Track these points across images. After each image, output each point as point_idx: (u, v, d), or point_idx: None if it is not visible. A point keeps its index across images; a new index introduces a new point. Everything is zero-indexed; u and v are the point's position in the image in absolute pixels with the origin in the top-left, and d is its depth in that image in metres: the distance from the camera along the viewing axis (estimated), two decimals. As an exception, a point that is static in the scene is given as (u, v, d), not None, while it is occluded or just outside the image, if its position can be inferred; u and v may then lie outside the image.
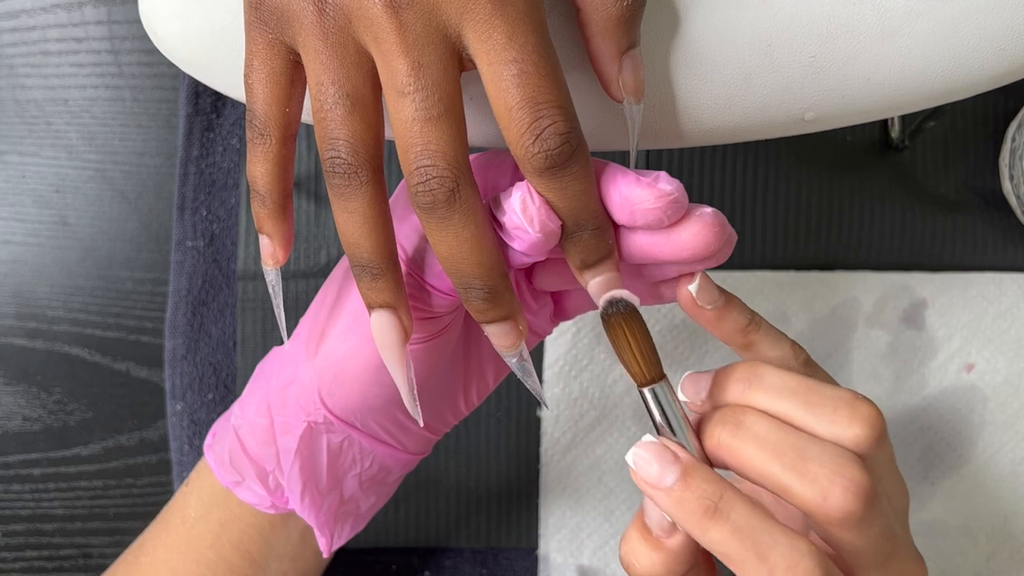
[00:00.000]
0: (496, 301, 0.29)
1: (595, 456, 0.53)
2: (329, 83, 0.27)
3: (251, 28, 0.29)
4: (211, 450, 0.38)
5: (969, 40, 0.31)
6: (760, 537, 0.28)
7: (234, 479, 0.37)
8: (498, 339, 0.30)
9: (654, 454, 0.29)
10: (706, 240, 0.29)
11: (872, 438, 0.29)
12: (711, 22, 0.31)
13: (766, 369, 0.30)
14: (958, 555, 0.53)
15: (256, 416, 0.36)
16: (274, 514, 0.38)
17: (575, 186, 0.28)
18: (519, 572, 0.53)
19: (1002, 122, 0.53)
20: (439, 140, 0.26)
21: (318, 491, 0.37)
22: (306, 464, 0.36)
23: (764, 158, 0.53)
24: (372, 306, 0.30)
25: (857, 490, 0.27)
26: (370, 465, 0.37)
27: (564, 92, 0.27)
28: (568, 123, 0.27)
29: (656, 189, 0.29)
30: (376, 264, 0.29)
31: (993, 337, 0.53)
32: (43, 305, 0.53)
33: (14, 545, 0.54)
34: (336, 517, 0.38)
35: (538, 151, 0.27)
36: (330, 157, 0.28)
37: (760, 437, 0.29)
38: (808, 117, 0.32)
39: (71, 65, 0.53)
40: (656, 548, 0.30)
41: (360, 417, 0.35)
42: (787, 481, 0.28)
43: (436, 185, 0.27)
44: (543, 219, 0.28)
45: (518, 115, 0.26)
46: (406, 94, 0.26)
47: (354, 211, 0.28)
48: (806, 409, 0.29)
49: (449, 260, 0.28)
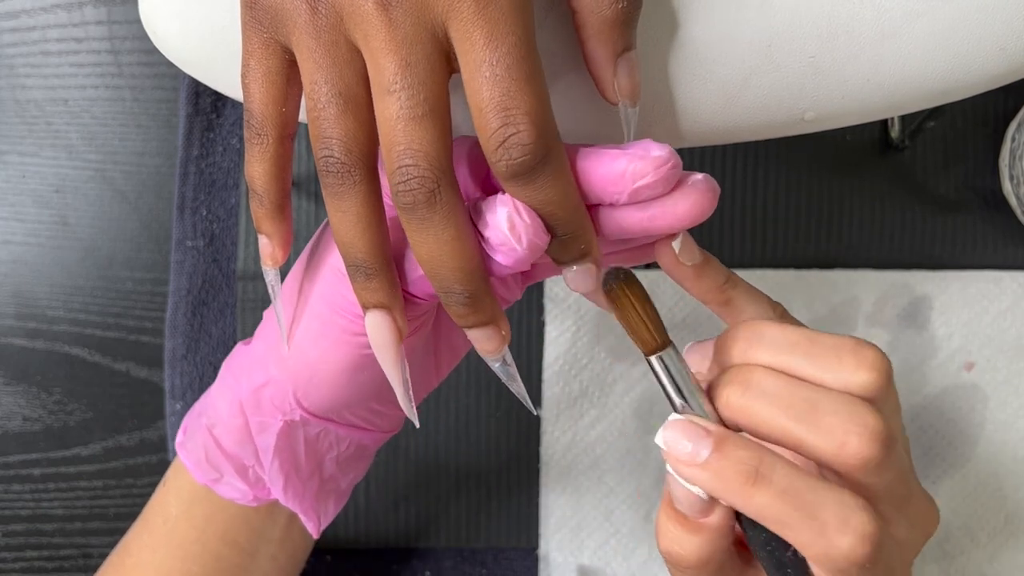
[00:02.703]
0: (476, 306, 0.28)
1: (595, 455, 0.53)
2: (322, 82, 0.27)
3: (247, 28, 0.29)
4: (184, 448, 0.38)
5: (969, 40, 0.31)
6: (807, 496, 0.27)
7: (212, 477, 0.37)
8: (480, 344, 0.29)
9: (683, 431, 0.29)
10: (702, 207, 0.29)
11: (880, 382, 0.28)
12: (711, 22, 0.31)
13: (766, 326, 0.30)
14: (961, 555, 0.53)
15: (230, 416, 0.36)
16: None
17: (545, 193, 0.27)
18: (519, 572, 0.53)
19: (1002, 122, 0.53)
20: (422, 140, 0.26)
21: (299, 480, 0.37)
22: (286, 459, 0.36)
23: (764, 158, 0.53)
24: (367, 306, 0.29)
25: (873, 435, 0.27)
26: (347, 447, 0.37)
27: (536, 98, 0.26)
28: (534, 132, 0.26)
29: (652, 159, 0.28)
30: (370, 264, 0.28)
31: (993, 336, 0.53)
32: (43, 305, 0.53)
33: (14, 545, 0.54)
34: (318, 498, 0.38)
35: (501, 159, 0.26)
36: (324, 156, 0.28)
37: (769, 393, 0.28)
38: (808, 117, 0.32)
39: (71, 65, 0.53)
40: (697, 531, 0.30)
41: (336, 411, 0.35)
42: (802, 434, 0.28)
43: (416, 185, 0.26)
44: (531, 237, 0.28)
45: (488, 118, 0.26)
46: (392, 92, 0.26)
47: (347, 210, 0.28)
48: (810, 360, 0.29)
49: (429, 263, 0.28)
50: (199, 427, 0.38)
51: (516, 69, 0.26)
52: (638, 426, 0.53)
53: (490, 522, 0.54)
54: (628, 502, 0.53)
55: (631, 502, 0.53)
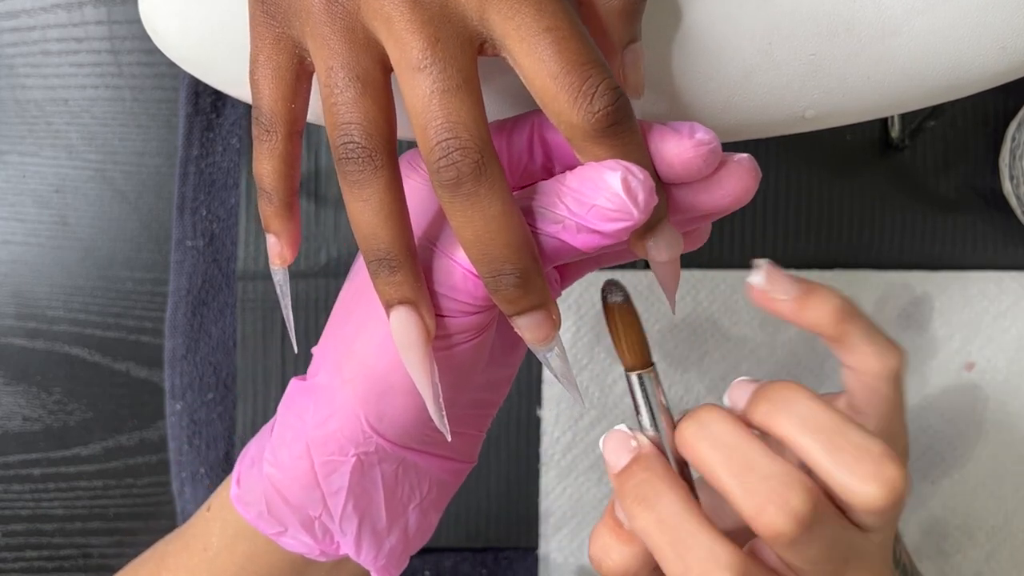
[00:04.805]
0: (528, 287, 0.27)
1: (595, 456, 0.53)
2: (339, 67, 0.27)
3: (256, 23, 0.29)
4: (241, 501, 0.34)
5: (969, 38, 0.31)
6: (681, 535, 0.28)
7: (276, 530, 0.33)
8: (531, 332, 0.28)
9: (616, 440, 0.30)
10: (746, 186, 0.29)
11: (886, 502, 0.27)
12: (711, 20, 0.31)
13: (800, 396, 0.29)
14: (958, 554, 0.53)
15: (293, 460, 0.32)
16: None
17: (635, 140, 0.27)
18: (519, 572, 0.53)
19: (1002, 122, 0.53)
20: (459, 111, 0.25)
21: (376, 532, 0.33)
22: (360, 502, 0.32)
23: (764, 158, 0.53)
24: (391, 303, 0.28)
25: (792, 513, 0.27)
26: (429, 490, 0.34)
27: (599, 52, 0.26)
28: (613, 79, 0.26)
29: (694, 139, 0.28)
30: (394, 255, 0.27)
31: (994, 336, 0.53)
32: (43, 305, 0.53)
33: (14, 545, 0.54)
34: (400, 558, 0.34)
35: (598, 109, 0.26)
36: (343, 143, 0.27)
37: (715, 438, 0.28)
38: (808, 115, 0.32)
39: (71, 65, 0.53)
40: (628, 542, 0.30)
41: (415, 435, 0.32)
42: (729, 486, 0.28)
43: (459, 157, 0.25)
44: (646, 197, 0.26)
45: (565, 81, 0.25)
46: (422, 68, 0.26)
47: (369, 198, 0.27)
48: (827, 451, 0.28)
49: (476, 244, 0.26)
50: (257, 477, 0.33)
51: (576, 29, 0.26)
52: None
53: (490, 522, 0.53)
54: (628, 502, 0.53)
55: (631, 502, 0.53)
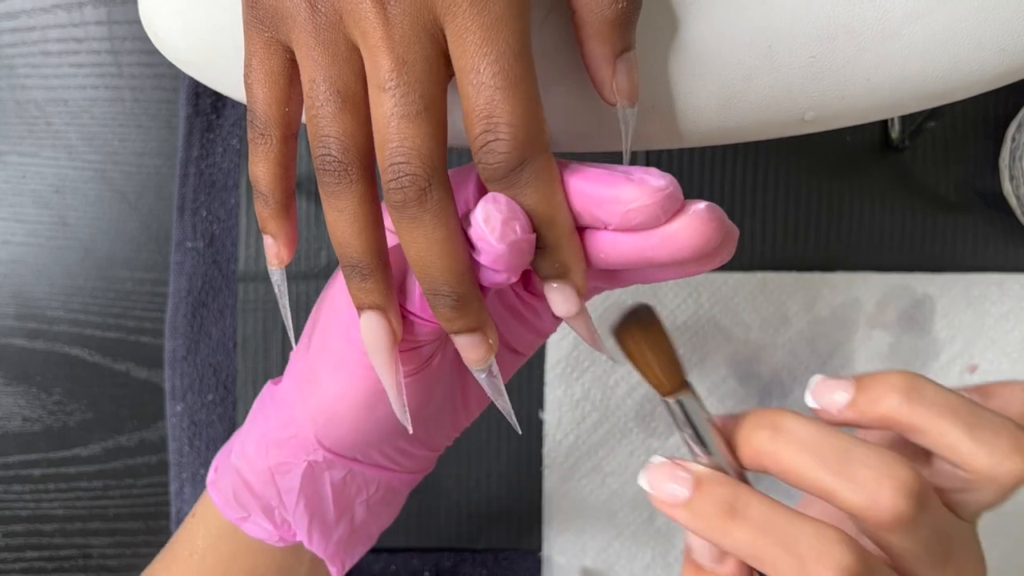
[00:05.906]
0: (464, 310, 0.28)
1: (598, 458, 0.53)
2: (320, 80, 0.27)
3: (248, 28, 0.29)
4: (214, 486, 0.37)
5: (969, 40, 0.31)
6: (784, 530, 0.27)
7: (240, 515, 0.36)
8: (466, 351, 0.29)
9: (665, 473, 0.28)
10: (704, 237, 0.27)
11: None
12: (711, 22, 0.31)
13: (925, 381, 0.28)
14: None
15: (256, 456, 0.36)
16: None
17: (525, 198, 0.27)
18: (519, 573, 0.53)
19: (1002, 122, 0.53)
20: (415, 138, 0.26)
21: (325, 525, 0.36)
22: (310, 501, 0.35)
23: (764, 158, 0.53)
24: (361, 307, 0.29)
25: (907, 490, 0.26)
26: (376, 490, 0.36)
27: (520, 105, 0.26)
28: (513, 140, 0.26)
29: (648, 186, 0.27)
30: (366, 264, 0.28)
31: (996, 338, 0.53)
32: (43, 305, 0.53)
33: (14, 546, 0.54)
34: (348, 544, 0.37)
35: (480, 162, 0.27)
36: (321, 155, 0.27)
37: (800, 440, 0.28)
38: (808, 117, 0.32)
39: (71, 65, 0.53)
40: None
41: (360, 450, 0.34)
42: (833, 485, 0.27)
43: (408, 183, 0.26)
44: (503, 230, 0.27)
45: (471, 123, 0.26)
46: (387, 89, 0.26)
47: (344, 209, 0.28)
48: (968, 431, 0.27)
49: (418, 263, 0.27)
50: (228, 466, 0.37)
51: (502, 76, 0.26)
52: (641, 429, 0.53)
53: (491, 524, 0.53)
54: (631, 505, 0.53)
55: (634, 505, 0.53)
